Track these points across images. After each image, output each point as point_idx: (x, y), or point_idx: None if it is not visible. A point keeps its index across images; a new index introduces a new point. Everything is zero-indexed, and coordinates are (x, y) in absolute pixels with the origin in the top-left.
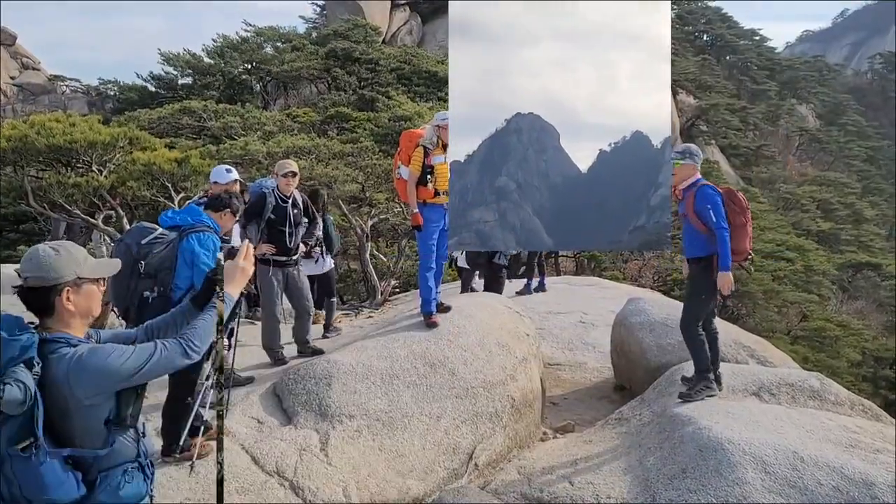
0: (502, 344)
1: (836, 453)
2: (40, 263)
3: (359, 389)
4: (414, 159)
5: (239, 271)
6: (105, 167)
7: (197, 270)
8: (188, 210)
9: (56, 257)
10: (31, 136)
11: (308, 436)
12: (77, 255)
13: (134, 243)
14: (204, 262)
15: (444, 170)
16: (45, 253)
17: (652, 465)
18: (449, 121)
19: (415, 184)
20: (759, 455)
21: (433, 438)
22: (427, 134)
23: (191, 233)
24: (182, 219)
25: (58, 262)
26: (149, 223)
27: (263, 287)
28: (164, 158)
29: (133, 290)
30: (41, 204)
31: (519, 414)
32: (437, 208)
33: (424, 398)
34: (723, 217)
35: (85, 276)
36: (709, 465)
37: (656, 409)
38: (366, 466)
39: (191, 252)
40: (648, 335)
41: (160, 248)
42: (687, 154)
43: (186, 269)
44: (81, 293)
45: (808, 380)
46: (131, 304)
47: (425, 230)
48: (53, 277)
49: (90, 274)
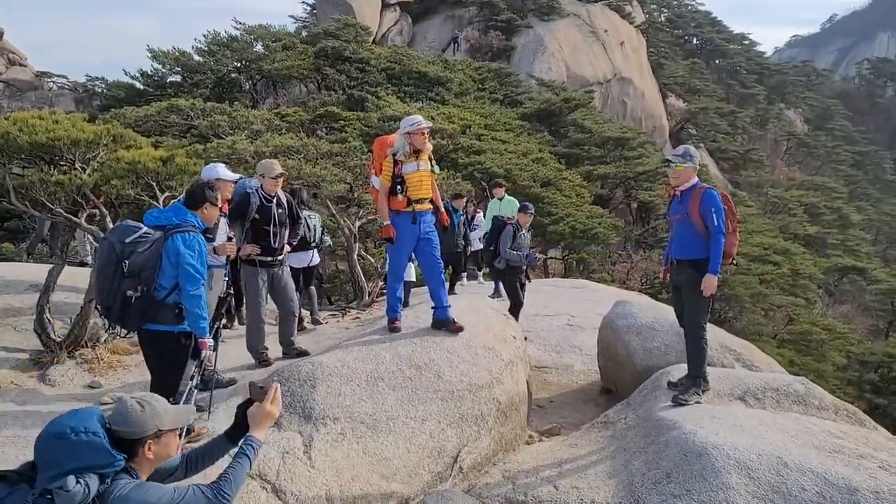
0: (488, 346)
1: (820, 459)
2: (128, 419)
3: (343, 392)
4: (384, 169)
5: (266, 415)
6: (89, 165)
7: (182, 271)
8: (173, 209)
9: (142, 413)
10: (14, 133)
11: (291, 438)
12: (159, 408)
13: (118, 241)
14: (188, 263)
15: (418, 177)
16: (132, 408)
17: (637, 470)
18: (423, 125)
19: (386, 194)
20: (744, 460)
21: (418, 441)
22: (397, 143)
23: (176, 232)
24: (167, 218)
25: (142, 417)
26: (133, 221)
27: (249, 288)
28: (149, 157)
29: (116, 288)
30: (23, 202)
31: (504, 417)
32: (408, 217)
33: (409, 401)
34: (723, 222)
35: (165, 428)
36: (693, 469)
37: (642, 412)
38: (349, 469)
39: (175, 252)
40: (635, 338)
41: (144, 247)
42: (687, 156)
43: (171, 269)
44: (161, 443)
45: (793, 384)
46: (114, 303)
47: (397, 242)
48: (139, 432)
49: (170, 426)
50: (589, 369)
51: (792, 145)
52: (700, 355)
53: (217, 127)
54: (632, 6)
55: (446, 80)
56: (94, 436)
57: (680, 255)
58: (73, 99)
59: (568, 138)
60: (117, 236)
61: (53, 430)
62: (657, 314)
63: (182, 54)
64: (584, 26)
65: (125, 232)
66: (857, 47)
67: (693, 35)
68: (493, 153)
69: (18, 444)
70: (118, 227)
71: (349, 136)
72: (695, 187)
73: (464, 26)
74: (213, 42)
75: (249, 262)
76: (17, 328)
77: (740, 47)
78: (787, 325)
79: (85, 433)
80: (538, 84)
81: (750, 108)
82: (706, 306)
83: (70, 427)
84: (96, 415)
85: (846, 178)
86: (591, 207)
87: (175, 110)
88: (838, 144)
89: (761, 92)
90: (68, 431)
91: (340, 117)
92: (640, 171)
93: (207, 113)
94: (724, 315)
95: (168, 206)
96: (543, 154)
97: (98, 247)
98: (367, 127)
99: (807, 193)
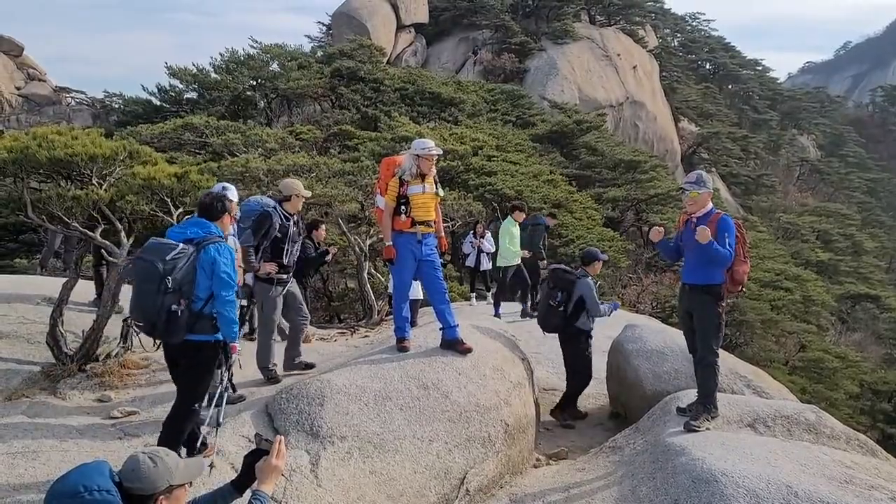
0: (497, 368)
1: (830, 489)
2: (140, 476)
3: (351, 410)
4: (390, 189)
5: (272, 470)
6: (105, 180)
7: (217, 279)
8: (196, 223)
9: (154, 469)
10: (33, 148)
11: (298, 456)
12: (171, 463)
13: (158, 260)
14: (223, 271)
15: (422, 200)
16: (144, 465)
17: (645, 496)
18: (434, 151)
19: (390, 215)
20: (753, 488)
21: (425, 462)
22: (405, 164)
23: (208, 244)
24: (194, 232)
25: (155, 473)
26: (161, 238)
27: (266, 306)
28: (164, 173)
29: (161, 304)
30: (40, 216)
31: (512, 439)
32: (410, 238)
33: (417, 421)
34: (734, 246)
35: (176, 483)
36: (702, 496)
37: (650, 438)
38: (356, 489)
39: (211, 262)
40: (645, 363)
41: (183, 263)
42: (700, 182)
43: (206, 280)
44: (172, 498)
45: (804, 412)
46: (159, 319)
47: (398, 263)
48: (151, 489)
49: (180, 480)
50: (598, 392)
51: (805, 171)
52: (711, 382)
53: (231, 145)
54: (645, 31)
55: (459, 101)
56: (107, 494)
57: (693, 280)
58: (90, 114)
59: (579, 160)
60: (156, 255)
61: (66, 489)
62: (667, 338)
63: (200, 71)
64: (598, 50)
65: (162, 250)
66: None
67: (706, 60)
68: (505, 174)
69: (28, 457)
70: (151, 245)
71: (361, 156)
72: (710, 213)
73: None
74: (230, 60)
75: (267, 280)
76: (31, 340)
77: (753, 73)
78: (798, 352)
79: (98, 492)
80: (550, 106)
81: (762, 134)
82: (719, 332)
83: (83, 485)
84: (106, 469)
85: (859, 205)
86: (601, 230)
87: (189, 128)
88: (851, 171)
89: (774, 117)
90: (81, 490)
91: (354, 136)
92: (652, 194)
93: (221, 131)
94: (734, 341)
95: (187, 222)
96: (555, 176)
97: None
98: (379, 146)
99: (819, 220)
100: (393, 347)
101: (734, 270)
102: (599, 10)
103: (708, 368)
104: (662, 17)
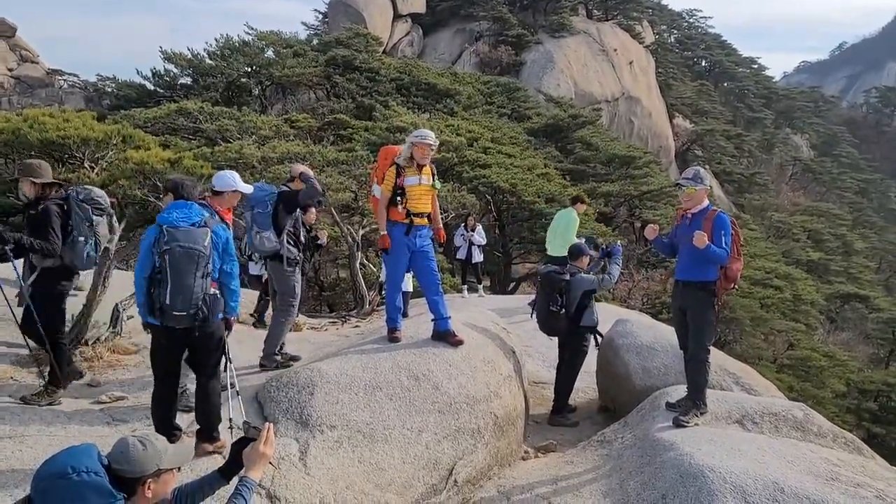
0: (488, 360)
1: (816, 486)
2: (129, 458)
3: (341, 399)
4: (387, 179)
5: (261, 456)
6: (97, 164)
7: (228, 256)
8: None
9: (143, 452)
10: (24, 130)
11: (287, 444)
12: (160, 447)
13: (200, 245)
14: (234, 248)
15: (418, 191)
16: (134, 447)
17: (632, 490)
18: (428, 140)
19: (386, 204)
20: (740, 484)
21: (414, 452)
22: (403, 151)
23: (214, 224)
24: (197, 214)
25: (144, 456)
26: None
27: (289, 291)
28: (157, 158)
29: (201, 289)
30: None
31: (501, 431)
32: (404, 228)
33: (407, 411)
34: (730, 245)
35: (164, 467)
36: (689, 491)
37: (639, 432)
38: (344, 478)
39: (226, 240)
40: (634, 357)
41: (210, 246)
42: (697, 178)
43: (217, 260)
44: (160, 482)
45: (792, 410)
46: (200, 304)
47: (392, 252)
48: (140, 471)
49: (169, 465)
50: (587, 386)
51: (797, 170)
52: (701, 378)
53: (225, 131)
54: (642, 26)
55: (455, 92)
56: (95, 476)
57: (687, 276)
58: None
59: (574, 155)
60: (189, 240)
61: (54, 470)
62: (657, 334)
63: (195, 56)
64: (594, 44)
65: (196, 234)
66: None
67: (702, 57)
68: (499, 167)
69: (15, 440)
70: (182, 232)
71: (356, 145)
72: (706, 210)
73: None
74: (225, 46)
75: (289, 263)
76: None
77: (749, 71)
78: (787, 351)
79: (87, 473)
80: (546, 100)
81: (756, 132)
82: (712, 330)
83: (71, 466)
84: (94, 451)
85: (851, 206)
86: (594, 225)
87: (183, 113)
88: (844, 171)
89: (768, 116)
90: (69, 471)
91: (349, 125)
92: (645, 190)
93: (216, 117)
94: (724, 338)
95: (174, 204)
96: (549, 169)
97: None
98: (374, 136)
99: (811, 219)
100: (384, 338)
101: (728, 268)
102: (597, 5)
103: (699, 365)
104: (659, 13)
